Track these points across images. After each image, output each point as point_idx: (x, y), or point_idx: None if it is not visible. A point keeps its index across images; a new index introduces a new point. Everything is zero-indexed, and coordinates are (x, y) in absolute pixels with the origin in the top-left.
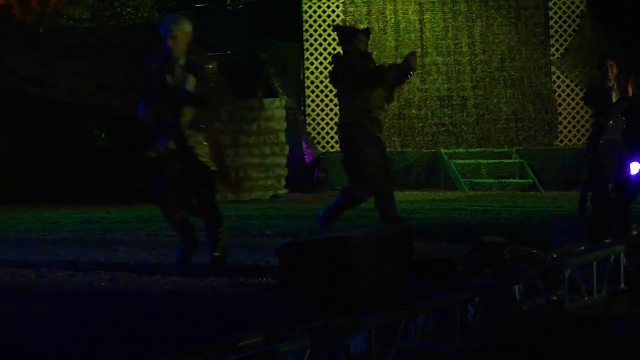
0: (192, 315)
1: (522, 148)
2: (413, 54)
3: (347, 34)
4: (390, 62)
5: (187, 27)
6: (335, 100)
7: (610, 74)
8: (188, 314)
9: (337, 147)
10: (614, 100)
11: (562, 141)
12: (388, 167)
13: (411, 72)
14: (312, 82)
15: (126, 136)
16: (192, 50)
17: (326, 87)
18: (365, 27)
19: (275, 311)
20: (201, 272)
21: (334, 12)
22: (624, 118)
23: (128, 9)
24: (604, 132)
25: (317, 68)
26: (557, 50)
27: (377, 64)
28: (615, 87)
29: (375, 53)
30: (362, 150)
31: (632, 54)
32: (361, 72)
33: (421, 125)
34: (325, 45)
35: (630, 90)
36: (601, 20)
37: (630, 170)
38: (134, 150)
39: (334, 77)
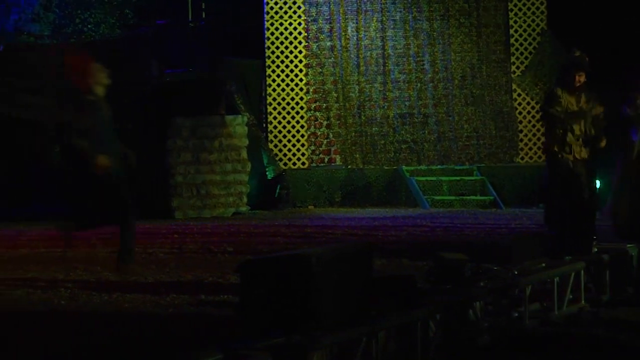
0: (151, 334)
1: (482, 165)
2: None
3: None
4: (352, 79)
5: None
6: (297, 117)
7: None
8: (147, 332)
9: (299, 164)
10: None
11: (522, 158)
12: None
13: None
14: (274, 99)
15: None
16: None
17: (288, 104)
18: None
19: (235, 328)
20: (162, 289)
21: (295, 29)
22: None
23: (89, 26)
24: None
25: (278, 85)
26: (518, 67)
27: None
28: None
29: (337, 70)
30: None
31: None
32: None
33: (382, 142)
34: (287, 62)
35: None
36: (561, 37)
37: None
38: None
39: None
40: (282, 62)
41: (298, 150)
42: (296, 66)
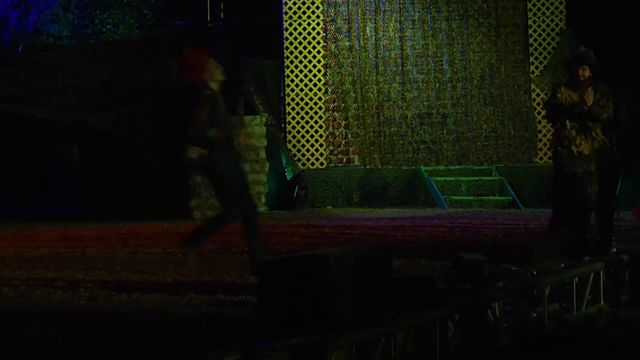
0: (170, 334)
1: (501, 165)
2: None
3: None
4: (371, 80)
5: None
6: (316, 117)
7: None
8: (166, 331)
9: (317, 164)
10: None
11: (541, 158)
12: None
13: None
14: (292, 99)
15: (99, 153)
16: None
17: (306, 104)
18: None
19: (253, 329)
20: (181, 289)
21: (314, 29)
22: (612, 133)
23: (108, 26)
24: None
25: (297, 85)
26: (537, 67)
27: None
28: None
29: (355, 70)
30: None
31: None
32: None
33: (401, 142)
34: (305, 62)
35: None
36: (580, 37)
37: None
38: (102, 167)
39: None
40: (301, 62)
41: (316, 150)
42: (314, 66)
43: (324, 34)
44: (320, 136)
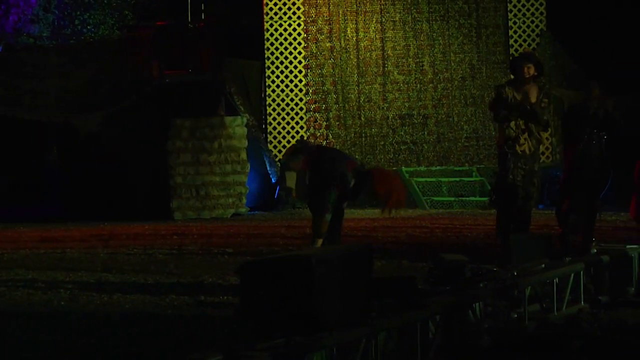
0: (151, 335)
1: (482, 166)
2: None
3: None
4: (352, 80)
5: None
6: (297, 118)
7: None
8: (147, 333)
9: None
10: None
11: None
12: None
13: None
14: (274, 100)
15: (82, 154)
16: None
17: (287, 105)
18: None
19: (235, 330)
20: (162, 290)
21: (295, 30)
22: (602, 133)
23: (88, 27)
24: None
25: (278, 86)
26: None
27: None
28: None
29: (336, 71)
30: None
31: (590, 70)
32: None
33: (382, 143)
34: (286, 63)
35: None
36: (560, 38)
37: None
38: (86, 168)
39: None
40: (282, 63)
41: None
42: (295, 67)
43: (305, 35)
44: (302, 137)
